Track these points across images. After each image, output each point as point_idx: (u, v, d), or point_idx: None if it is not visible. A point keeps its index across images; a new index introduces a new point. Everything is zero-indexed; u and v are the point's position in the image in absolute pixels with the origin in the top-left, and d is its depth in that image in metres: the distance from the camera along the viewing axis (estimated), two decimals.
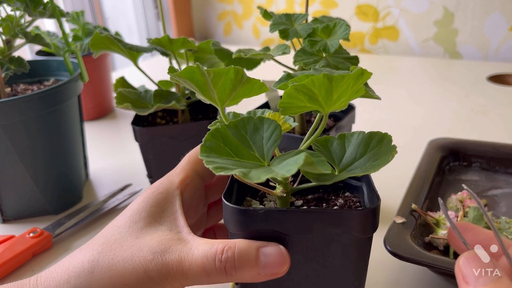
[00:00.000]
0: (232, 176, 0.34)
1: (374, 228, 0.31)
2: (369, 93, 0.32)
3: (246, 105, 0.31)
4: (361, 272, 0.33)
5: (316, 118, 0.33)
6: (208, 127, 0.34)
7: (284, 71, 0.35)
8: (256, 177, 0.25)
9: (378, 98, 0.33)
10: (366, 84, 0.34)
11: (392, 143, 0.32)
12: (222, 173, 0.26)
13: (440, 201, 0.31)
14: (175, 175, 0.35)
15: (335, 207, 0.34)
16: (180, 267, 0.28)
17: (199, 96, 0.31)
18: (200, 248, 0.29)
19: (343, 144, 0.34)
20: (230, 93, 0.30)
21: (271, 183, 0.35)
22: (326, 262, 0.31)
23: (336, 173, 0.32)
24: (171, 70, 0.29)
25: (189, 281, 0.29)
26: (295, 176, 0.36)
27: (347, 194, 0.36)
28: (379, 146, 0.32)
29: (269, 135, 0.30)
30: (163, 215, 0.32)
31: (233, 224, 0.30)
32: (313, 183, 0.31)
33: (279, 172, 0.26)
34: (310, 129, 0.34)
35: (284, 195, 0.32)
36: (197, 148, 0.37)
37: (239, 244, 0.29)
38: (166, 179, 0.35)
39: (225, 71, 0.28)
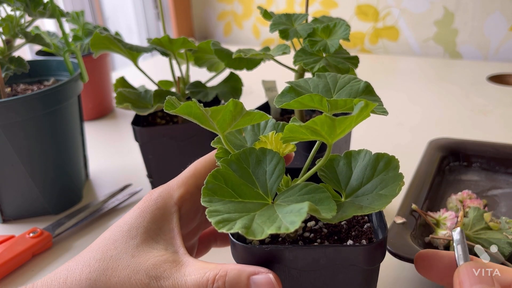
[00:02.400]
0: None
1: (383, 257, 0.30)
2: (375, 110, 0.32)
3: (246, 105, 0.31)
4: None
5: (316, 145, 0.33)
6: (211, 145, 0.34)
7: (286, 82, 0.34)
8: (259, 232, 0.25)
9: (385, 113, 0.32)
10: (375, 96, 0.34)
11: (400, 171, 0.31)
12: (224, 230, 0.26)
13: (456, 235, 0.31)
14: (176, 188, 0.34)
15: (344, 227, 0.34)
16: None
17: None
18: (193, 276, 0.29)
19: (350, 164, 0.33)
20: (231, 123, 0.30)
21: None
22: None
23: (343, 199, 0.32)
24: (168, 107, 0.29)
25: None
26: None
27: None
28: (386, 170, 0.32)
29: (272, 169, 0.30)
30: (159, 233, 0.32)
31: (240, 259, 0.30)
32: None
33: (283, 224, 0.26)
34: (310, 156, 0.33)
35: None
36: (203, 159, 0.36)
37: (230, 272, 0.29)
38: (166, 191, 0.34)
39: (223, 107, 0.28)
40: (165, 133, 0.56)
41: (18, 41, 0.60)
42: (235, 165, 0.30)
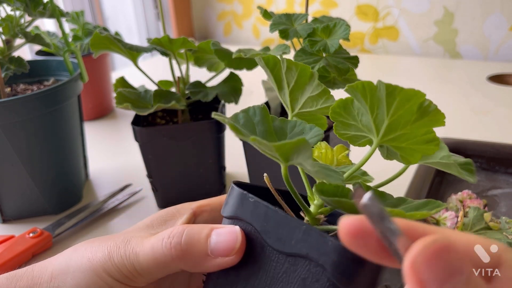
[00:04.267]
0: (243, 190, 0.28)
1: (372, 284, 0.25)
2: None
3: (245, 105, 0.31)
4: None
5: None
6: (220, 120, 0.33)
7: None
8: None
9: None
10: None
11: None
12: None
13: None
14: (194, 203, 0.34)
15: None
16: (134, 255, 0.29)
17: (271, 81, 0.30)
18: (151, 240, 0.29)
19: None
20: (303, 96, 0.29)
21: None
22: None
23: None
24: (266, 49, 0.29)
25: (145, 271, 0.29)
26: None
27: None
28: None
29: (310, 136, 0.29)
30: (162, 223, 0.32)
31: (227, 204, 0.29)
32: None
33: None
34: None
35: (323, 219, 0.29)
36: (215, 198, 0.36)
37: (189, 226, 0.28)
38: (185, 204, 0.34)
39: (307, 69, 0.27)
40: (165, 133, 0.56)
41: (18, 41, 0.60)
42: (277, 123, 0.29)
